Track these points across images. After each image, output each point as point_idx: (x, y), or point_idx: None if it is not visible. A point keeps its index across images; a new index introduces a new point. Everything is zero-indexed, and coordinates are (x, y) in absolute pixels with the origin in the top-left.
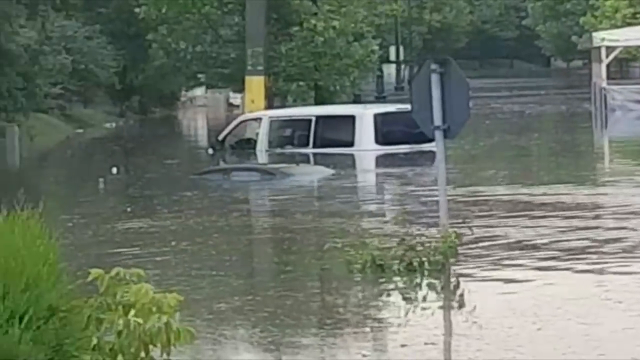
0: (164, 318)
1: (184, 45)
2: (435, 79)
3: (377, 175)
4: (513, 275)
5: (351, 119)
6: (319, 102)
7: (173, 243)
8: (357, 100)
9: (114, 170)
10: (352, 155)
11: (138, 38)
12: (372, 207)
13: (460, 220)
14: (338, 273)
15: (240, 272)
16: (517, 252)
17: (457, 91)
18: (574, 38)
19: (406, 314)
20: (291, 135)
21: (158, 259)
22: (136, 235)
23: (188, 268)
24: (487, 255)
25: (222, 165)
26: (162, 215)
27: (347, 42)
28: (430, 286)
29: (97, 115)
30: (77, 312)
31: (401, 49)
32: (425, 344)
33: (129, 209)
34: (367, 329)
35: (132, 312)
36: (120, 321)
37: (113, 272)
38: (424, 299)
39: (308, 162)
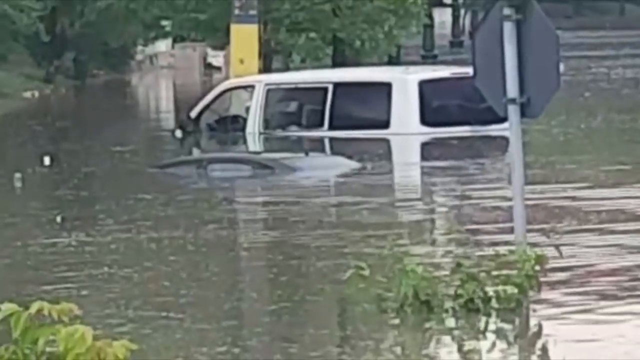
0: None
1: None
2: (509, 30)
3: (423, 170)
4: (621, 318)
5: (386, 88)
6: (338, 63)
7: (106, 268)
8: (394, 60)
9: (47, 160)
10: (386, 141)
11: None
12: (414, 217)
13: (543, 237)
14: (364, 313)
15: (205, 314)
16: (627, 283)
17: (541, 48)
18: None
19: None
20: (297, 111)
21: (84, 292)
22: (58, 257)
23: (125, 306)
24: (584, 288)
25: (196, 154)
26: (104, 228)
27: None
28: (500, 333)
29: (12, 80)
30: None
31: None
32: None
33: (58, 218)
34: None
35: None
36: None
37: (33, 308)
38: (491, 351)
39: (322, 150)
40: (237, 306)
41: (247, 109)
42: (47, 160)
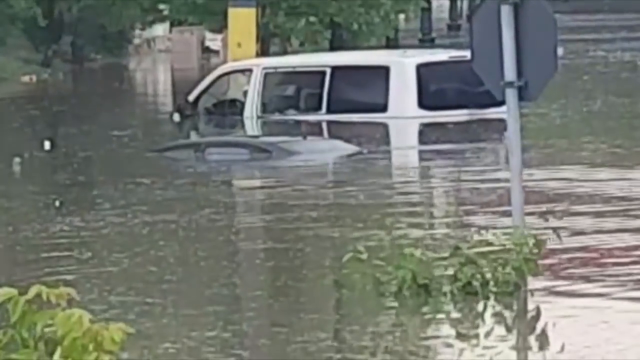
0: (105, 359)
1: None
2: (506, 13)
3: (421, 153)
4: (618, 302)
5: (383, 71)
6: (336, 46)
7: (89, 254)
8: (392, 44)
9: (47, 144)
10: (384, 125)
11: None
12: (413, 201)
13: (541, 221)
14: (362, 297)
15: (195, 298)
16: (624, 267)
17: (538, 32)
18: None
19: (463, 358)
20: (295, 94)
21: (69, 277)
22: (49, 242)
23: (107, 292)
24: (582, 272)
25: (194, 138)
26: (100, 213)
27: None
28: (498, 317)
29: (10, 64)
30: None
31: None
32: None
33: (56, 203)
34: None
35: (59, 351)
36: None
37: (31, 293)
38: (489, 335)
39: (320, 134)
40: (229, 291)
41: (245, 93)
42: (47, 145)
